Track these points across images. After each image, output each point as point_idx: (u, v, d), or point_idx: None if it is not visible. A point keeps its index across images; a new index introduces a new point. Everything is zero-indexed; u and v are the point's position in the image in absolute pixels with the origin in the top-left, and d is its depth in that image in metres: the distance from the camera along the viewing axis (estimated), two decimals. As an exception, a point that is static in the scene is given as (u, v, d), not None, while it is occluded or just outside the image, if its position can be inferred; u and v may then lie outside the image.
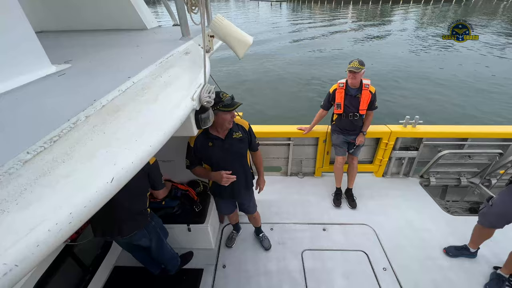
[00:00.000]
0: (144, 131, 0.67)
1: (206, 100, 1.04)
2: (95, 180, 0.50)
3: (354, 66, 2.65)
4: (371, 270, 2.45)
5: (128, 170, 0.57)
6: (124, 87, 0.68)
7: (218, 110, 1.70)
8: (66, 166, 0.46)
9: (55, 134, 0.47)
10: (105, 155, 0.54)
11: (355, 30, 21.62)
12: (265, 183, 2.34)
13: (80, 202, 0.45)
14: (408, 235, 2.80)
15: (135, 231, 1.83)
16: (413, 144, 3.52)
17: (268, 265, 2.54)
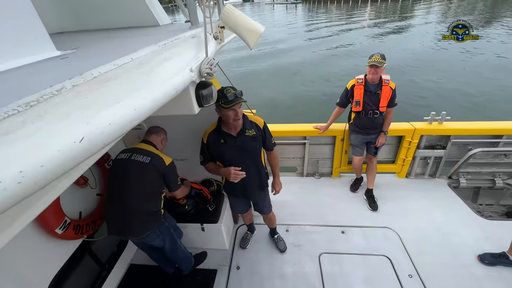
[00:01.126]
0: (131, 95, 0.62)
1: (206, 72, 0.97)
2: (61, 138, 0.44)
3: (376, 60, 2.49)
4: (395, 277, 2.28)
5: (103, 131, 0.51)
6: (120, 62, 0.65)
7: (220, 107, 1.66)
8: (33, 126, 0.41)
9: (33, 99, 0.43)
10: (80, 115, 0.49)
11: (373, 27, 20.89)
12: (281, 186, 2.23)
13: (36, 160, 0.40)
14: (436, 240, 2.58)
15: (147, 232, 1.81)
16: (439, 143, 3.27)
17: (283, 268, 2.44)
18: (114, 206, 1.77)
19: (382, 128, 2.83)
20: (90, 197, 2.13)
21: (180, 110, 1.03)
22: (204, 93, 1.06)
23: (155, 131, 2.00)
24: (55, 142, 0.43)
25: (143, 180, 1.75)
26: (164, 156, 1.85)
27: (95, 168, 2.17)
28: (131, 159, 1.76)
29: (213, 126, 1.90)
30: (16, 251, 1.53)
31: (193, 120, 2.26)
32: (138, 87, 0.66)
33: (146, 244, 2.00)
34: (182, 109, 1.04)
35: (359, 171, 3.25)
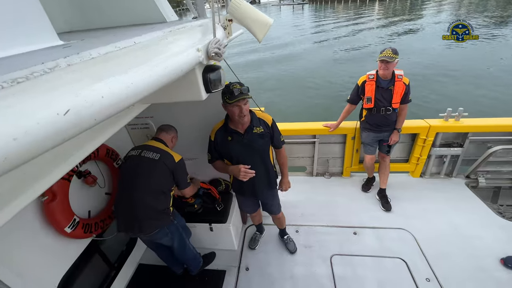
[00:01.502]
0: (129, 71, 0.58)
1: (214, 52, 0.93)
2: (42, 110, 0.39)
3: (387, 55, 2.41)
4: (411, 280, 2.17)
5: (94, 104, 0.46)
6: (122, 45, 0.62)
7: (225, 103, 1.63)
8: (12, 99, 0.37)
9: (21, 75, 0.39)
10: (68, 88, 0.44)
11: (382, 28, 20.42)
12: (289, 185, 2.17)
13: (9, 132, 0.35)
14: (454, 242, 2.45)
15: (156, 229, 1.80)
16: (456, 140, 3.13)
17: (294, 269, 2.37)
18: (124, 202, 1.77)
19: (396, 125, 2.73)
20: (99, 196, 2.13)
21: (187, 96, 0.99)
22: (212, 78, 1.01)
23: (166, 129, 2.01)
24: (35, 114, 0.38)
25: (152, 176, 1.75)
26: (174, 153, 1.85)
27: (103, 167, 2.17)
28: (141, 155, 1.78)
29: (221, 123, 1.87)
30: (26, 249, 1.53)
31: (201, 118, 2.25)
32: (138, 64, 0.62)
33: (155, 243, 1.99)
34: (189, 95, 1.00)
35: (371, 171, 3.16)
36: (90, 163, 2.01)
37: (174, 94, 0.91)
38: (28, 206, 1.52)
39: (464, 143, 3.04)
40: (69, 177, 1.70)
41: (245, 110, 1.66)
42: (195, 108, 2.23)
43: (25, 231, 1.54)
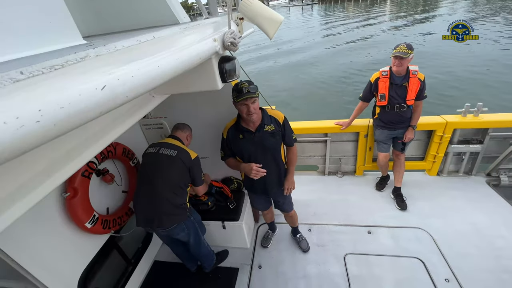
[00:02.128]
0: (154, 56, 0.62)
1: (229, 41, 0.97)
2: (83, 85, 0.44)
3: (401, 50, 2.35)
4: (429, 280, 2.11)
5: (126, 83, 0.50)
6: (143, 39, 0.66)
7: (234, 100, 1.67)
8: (56, 78, 0.41)
9: (58, 63, 0.44)
10: (101, 69, 0.49)
11: (396, 30, 19.77)
12: (294, 185, 2.07)
13: (55, 100, 0.39)
14: (475, 242, 2.36)
15: (174, 224, 1.86)
16: (475, 137, 3.02)
17: (307, 268, 2.36)
18: (144, 198, 1.83)
19: (410, 122, 2.66)
20: (116, 194, 2.21)
21: (203, 86, 1.03)
22: (228, 68, 1.05)
23: (181, 127, 2.08)
24: (76, 86, 0.43)
25: (170, 172, 1.81)
26: (190, 150, 1.90)
27: (120, 166, 2.25)
28: (159, 152, 1.85)
29: (233, 121, 1.90)
30: (51, 244, 1.61)
31: (213, 118, 2.29)
32: (161, 51, 0.66)
33: (172, 238, 2.04)
34: (205, 85, 1.05)
35: (385, 169, 3.09)
36: (108, 161, 2.09)
37: (192, 84, 0.95)
38: (51, 202, 1.60)
39: (484, 139, 2.92)
40: (89, 174, 1.77)
41: (253, 108, 1.66)
42: (208, 108, 2.27)
43: (49, 226, 1.62)
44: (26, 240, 1.47)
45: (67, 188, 1.66)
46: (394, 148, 2.89)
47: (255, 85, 1.68)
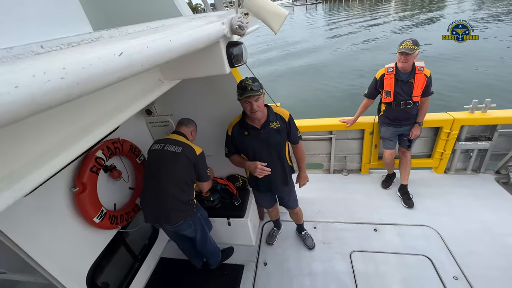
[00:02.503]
0: (167, 31, 0.65)
1: (237, 24, 0.99)
2: (101, 50, 0.48)
3: (406, 46, 2.33)
4: (437, 278, 2.08)
5: (142, 51, 0.54)
6: (153, 26, 0.67)
7: (238, 98, 1.68)
8: (74, 48, 0.44)
9: (74, 41, 0.46)
10: (118, 41, 0.53)
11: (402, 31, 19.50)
12: (307, 180, 2.16)
13: (78, 61, 0.43)
14: (485, 240, 2.32)
15: (181, 220, 1.87)
16: (484, 134, 2.97)
17: (312, 265, 2.35)
18: (151, 194, 1.85)
19: (417, 119, 2.63)
20: (123, 190, 2.24)
21: (212, 70, 1.06)
22: (235, 52, 1.06)
23: (186, 123, 2.08)
24: (96, 51, 0.47)
25: (176, 169, 1.82)
26: (195, 146, 1.91)
27: (127, 163, 2.28)
28: (164, 149, 1.85)
29: (238, 118, 1.91)
30: (60, 237, 1.65)
31: (218, 116, 2.30)
32: (172, 29, 0.69)
33: (178, 234, 2.06)
34: (214, 69, 1.07)
35: (391, 166, 3.06)
36: (115, 158, 2.12)
37: (200, 68, 0.97)
38: (61, 197, 1.63)
39: (492, 136, 2.87)
40: (97, 170, 1.80)
41: (256, 106, 1.66)
42: (213, 106, 2.29)
43: (59, 220, 1.65)
44: (38, 233, 1.51)
45: (76, 183, 1.70)
46: (400, 145, 2.86)
47: (259, 82, 1.69)
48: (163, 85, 1.11)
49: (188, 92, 2.25)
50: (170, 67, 1.11)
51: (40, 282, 1.63)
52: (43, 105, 0.38)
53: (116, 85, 0.50)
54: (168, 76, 1.14)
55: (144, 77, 1.04)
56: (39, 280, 1.61)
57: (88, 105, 0.77)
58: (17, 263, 1.48)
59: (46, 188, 1.54)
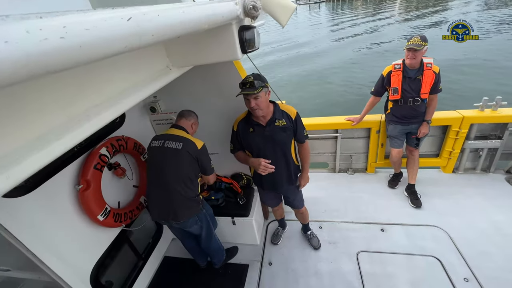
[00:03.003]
0: (179, 5, 0.62)
1: (251, 4, 0.95)
2: (108, 14, 0.44)
3: (414, 43, 2.28)
4: (447, 280, 2.03)
5: (152, 19, 0.50)
6: (162, 7, 0.65)
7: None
8: (79, 13, 0.41)
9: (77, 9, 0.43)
10: (127, 7, 0.49)
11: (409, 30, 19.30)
12: (308, 181, 2.09)
13: (81, 21, 0.39)
14: (496, 241, 2.26)
15: (188, 217, 1.85)
16: (494, 132, 2.90)
17: (318, 266, 2.31)
18: (157, 192, 1.82)
19: (425, 117, 2.58)
20: (127, 188, 2.22)
21: (223, 56, 1.02)
22: (247, 37, 1.03)
23: (185, 115, 1.99)
24: (102, 14, 0.43)
25: (179, 165, 1.78)
26: (196, 139, 1.85)
27: (131, 161, 2.26)
28: (164, 146, 1.79)
29: (244, 114, 1.88)
30: (64, 235, 1.63)
31: (222, 113, 2.28)
32: (185, 4, 0.66)
33: (184, 231, 2.03)
34: (225, 54, 1.03)
35: (398, 165, 3.01)
36: (120, 155, 2.10)
37: (211, 54, 0.93)
38: (65, 194, 1.61)
39: (503, 135, 2.80)
40: (101, 167, 1.78)
41: (255, 104, 1.62)
42: (218, 104, 2.26)
43: (63, 218, 1.64)
44: (42, 231, 1.49)
45: (80, 180, 1.68)
46: (407, 144, 2.81)
47: (264, 79, 1.65)
48: (171, 72, 1.07)
49: (193, 89, 2.23)
50: (179, 53, 1.06)
51: (44, 280, 1.62)
52: (40, 68, 0.34)
53: (121, 68, 0.47)
54: (177, 62, 1.08)
55: (151, 62, 0.99)
56: (43, 278, 1.59)
57: (91, 87, 0.73)
58: (21, 261, 1.46)
59: (50, 186, 1.52)
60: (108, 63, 0.77)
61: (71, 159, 1.69)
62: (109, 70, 0.78)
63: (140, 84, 0.87)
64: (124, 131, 2.13)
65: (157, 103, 2.31)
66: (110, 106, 0.74)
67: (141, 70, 0.91)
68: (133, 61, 0.88)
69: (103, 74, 0.77)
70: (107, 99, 0.76)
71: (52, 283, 1.58)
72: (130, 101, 0.79)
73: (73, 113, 0.67)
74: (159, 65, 1.02)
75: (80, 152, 1.75)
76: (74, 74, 0.68)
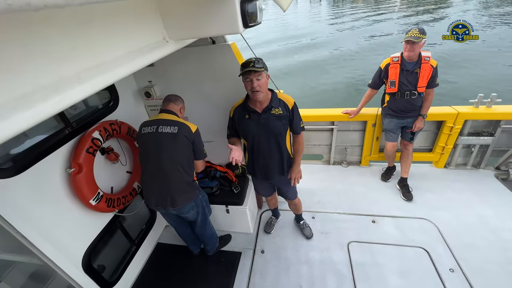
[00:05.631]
0: None
1: None
2: None
3: (413, 35, 2.27)
4: (433, 270, 2.09)
5: None
6: None
7: (241, 75, 1.63)
8: None
9: None
10: None
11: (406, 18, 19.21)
12: (300, 175, 2.00)
13: None
14: (482, 234, 2.32)
15: (186, 201, 1.84)
16: (486, 129, 2.94)
17: (309, 254, 2.35)
18: (153, 179, 1.78)
19: (421, 111, 2.59)
20: (120, 173, 2.20)
21: (224, 29, 0.97)
22: (250, 10, 0.99)
23: (173, 100, 1.92)
24: None
25: (176, 150, 1.74)
26: (189, 123, 1.82)
27: (125, 146, 2.23)
28: (158, 131, 1.74)
29: (241, 101, 1.86)
30: (56, 219, 1.61)
31: (218, 102, 2.24)
32: None
33: (179, 217, 2.02)
34: (226, 27, 0.98)
35: (392, 159, 3.04)
36: (113, 140, 2.07)
37: (211, 27, 0.89)
38: (56, 177, 1.58)
39: (495, 132, 2.85)
40: (94, 151, 1.75)
41: (257, 85, 1.60)
42: (214, 92, 2.23)
43: (55, 202, 1.61)
44: (32, 214, 1.47)
45: (71, 164, 1.65)
46: (402, 138, 2.83)
47: (264, 63, 1.63)
48: (168, 45, 1.01)
49: (189, 75, 2.18)
50: (176, 25, 1.00)
51: (34, 262, 1.60)
52: None
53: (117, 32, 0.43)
54: (174, 35, 1.03)
55: (147, 33, 0.94)
56: (34, 261, 1.58)
57: (85, 48, 0.68)
58: (11, 243, 1.44)
59: (40, 168, 1.49)
60: (103, 23, 0.73)
61: (62, 142, 1.65)
62: (104, 32, 0.74)
63: (135, 53, 0.83)
64: (118, 115, 2.09)
65: (152, 88, 2.26)
66: (103, 72, 0.70)
67: (136, 39, 0.87)
68: (129, 27, 0.83)
69: (98, 35, 0.72)
70: (101, 64, 0.72)
71: (43, 266, 1.57)
72: (123, 70, 0.76)
73: (64, 74, 0.62)
74: (155, 36, 0.97)
75: (72, 135, 1.71)
76: (67, 31, 0.64)
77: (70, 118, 1.74)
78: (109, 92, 2.08)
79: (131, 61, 0.81)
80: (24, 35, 0.54)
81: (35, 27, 0.56)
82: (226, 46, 1.94)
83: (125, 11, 0.81)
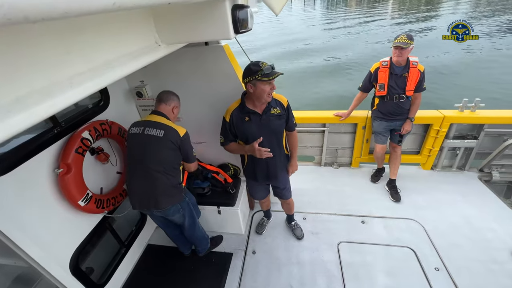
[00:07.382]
0: None
1: None
2: None
3: (401, 41, 2.35)
4: (420, 269, 2.15)
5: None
6: None
7: (257, 80, 1.60)
8: None
9: None
10: None
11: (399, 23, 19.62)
12: (297, 168, 2.13)
13: None
14: (466, 234, 2.41)
15: (170, 205, 1.82)
16: (471, 132, 3.05)
17: (300, 255, 2.38)
18: (138, 180, 1.77)
19: (409, 114, 2.67)
20: (110, 174, 2.17)
21: (215, 34, 0.99)
22: (241, 16, 1.01)
23: (165, 99, 1.85)
24: None
25: (161, 153, 1.73)
26: (178, 127, 1.79)
27: (115, 146, 2.20)
28: (144, 133, 1.72)
29: (236, 103, 1.85)
30: (43, 220, 1.57)
31: (211, 102, 2.25)
32: None
33: (166, 220, 2.00)
34: (217, 33, 1.00)
35: (381, 161, 3.11)
36: (103, 140, 2.04)
37: (202, 32, 0.89)
38: (43, 178, 1.55)
39: (479, 135, 2.96)
40: (83, 151, 1.72)
41: (274, 86, 1.68)
42: (206, 92, 2.23)
43: (42, 203, 1.58)
44: (18, 215, 1.43)
45: (60, 164, 1.62)
46: (391, 140, 2.90)
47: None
48: (160, 49, 1.02)
49: (181, 75, 2.17)
50: (169, 29, 1.01)
51: (20, 265, 1.57)
52: (18, 11, 0.30)
53: (109, 37, 0.44)
54: (166, 38, 1.03)
55: (139, 37, 0.94)
56: (19, 263, 1.54)
57: (77, 53, 0.69)
58: None
59: (26, 168, 1.46)
60: (96, 28, 0.73)
61: (51, 141, 1.62)
62: (96, 37, 0.74)
63: (127, 57, 0.83)
64: (108, 115, 2.06)
65: (144, 88, 2.24)
66: (95, 77, 0.70)
67: (128, 43, 0.87)
68: (121, 30, 0.84)
69: (90, 40, 0.73)
70: (92, 68, 0.72)
71: (29, 269, 1.53)
72: (115, 73, 0.76)
73: (56, 79, 0.63)
74: (147, 40, 0.98)
75: (60, 134, 1.68)
76: (61, 37, 0.64)
77: (59, 117, 1.71)
78: (99, 92, 2.05)
79: (123, 65, 0.82)
80: (19, 41, 0.55)
81: (30, 34, 0.57)
82: (219, 47, 1.95)
83: (117, 15, 0.81)
